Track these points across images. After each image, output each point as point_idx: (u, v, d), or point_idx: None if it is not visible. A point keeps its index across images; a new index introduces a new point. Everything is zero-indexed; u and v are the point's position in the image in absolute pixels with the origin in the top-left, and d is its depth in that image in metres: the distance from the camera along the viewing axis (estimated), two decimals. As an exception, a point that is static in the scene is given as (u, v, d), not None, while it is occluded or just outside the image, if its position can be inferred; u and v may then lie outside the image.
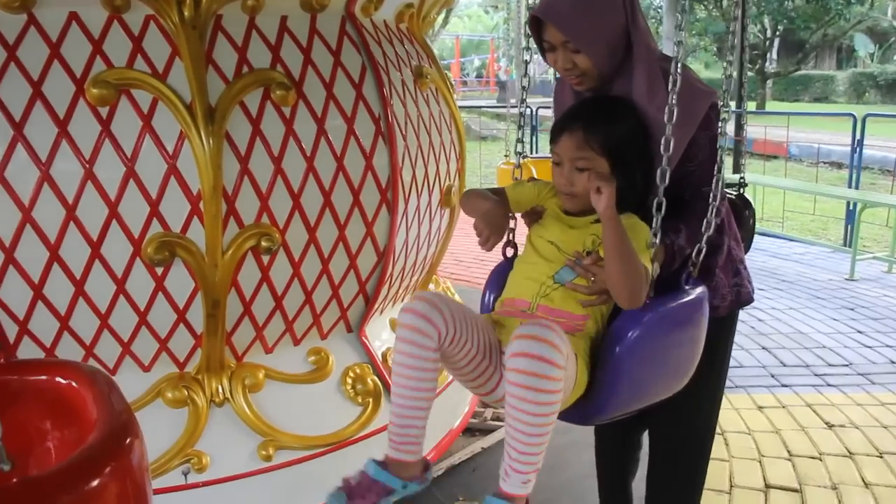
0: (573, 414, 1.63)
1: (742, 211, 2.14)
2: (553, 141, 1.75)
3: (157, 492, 1.94)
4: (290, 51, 2.23)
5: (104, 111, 2.02)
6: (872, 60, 30.97)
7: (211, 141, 2.03)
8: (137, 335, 2.20)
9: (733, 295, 1.92)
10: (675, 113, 1.56)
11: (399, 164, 2.47)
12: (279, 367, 2.41)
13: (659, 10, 19.70)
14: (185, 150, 2.04)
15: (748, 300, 1.97)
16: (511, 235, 1.89)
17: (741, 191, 2.25)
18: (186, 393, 2.23)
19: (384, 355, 2.65)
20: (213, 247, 2.10)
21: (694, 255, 1.69)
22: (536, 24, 1.74)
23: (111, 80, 2.01)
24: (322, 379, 2.47)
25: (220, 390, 2.27)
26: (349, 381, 2.51)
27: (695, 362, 1.74)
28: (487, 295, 1.89)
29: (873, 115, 7.01)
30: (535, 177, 2.07)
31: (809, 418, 3.39)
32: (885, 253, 6.22)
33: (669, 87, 1.56)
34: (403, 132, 2.51)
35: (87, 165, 2.02)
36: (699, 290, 1.70)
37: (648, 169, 1.67)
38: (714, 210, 1.65)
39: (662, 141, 1.57)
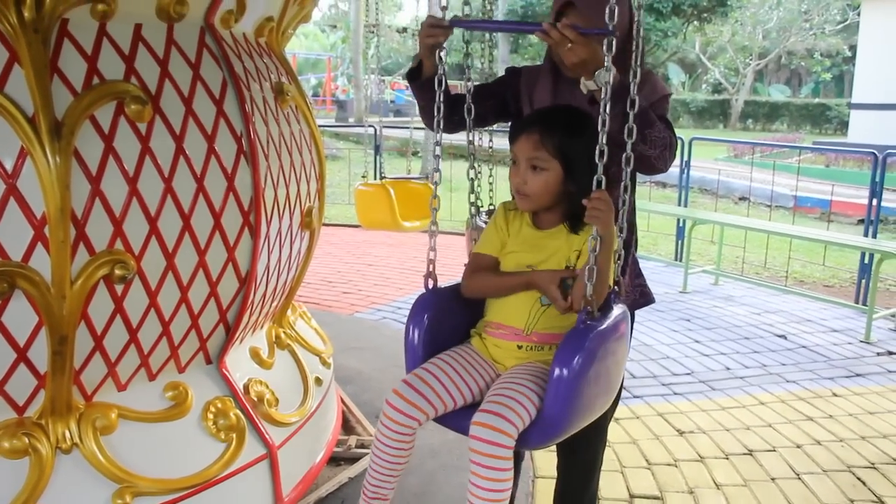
0: (521, 439, 1.70)
1: None
2: (511, 141, 1.88)
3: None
4: (146, 62, 2.05)
5: (-74, 124, 1.77)
6: (684, 89, 33.65)
7: (57, 158, 1.81)
8: (-34, 378, 1.93)
9: (636, 294, 2.01)
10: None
11: (262, 185, 2.34)
12: (134, 405, 2.19)
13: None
14: (28, 168, 1.81)
15: (650, 300, 2.14)
16: (431, 267, 1.93)
17: None
18: (27, 441, 1.97)
19: (246, 387, 2.50)
20: (61, 276, 1.88)
21: (618, 271, 1.80)
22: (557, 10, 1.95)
23: (-65, 88, 1.76)
24: (181, 416, 2.28)
25: (68, 435, 2.03)
26: (210, 416, 2.33)
27: (622, 374, 1.89)
28: (414, 332, 1.90)
29: (698, 139, 7.53)
30: (394, 198, 2.19)
31: (662, 427, 3.55)
32: (711, 266, 6.68)
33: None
34: (266, 151, 2.38)
35: None
36: (622, 307, 1.81)
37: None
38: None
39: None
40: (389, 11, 28.82)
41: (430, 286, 1.95)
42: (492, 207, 2.36)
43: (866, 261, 5.84)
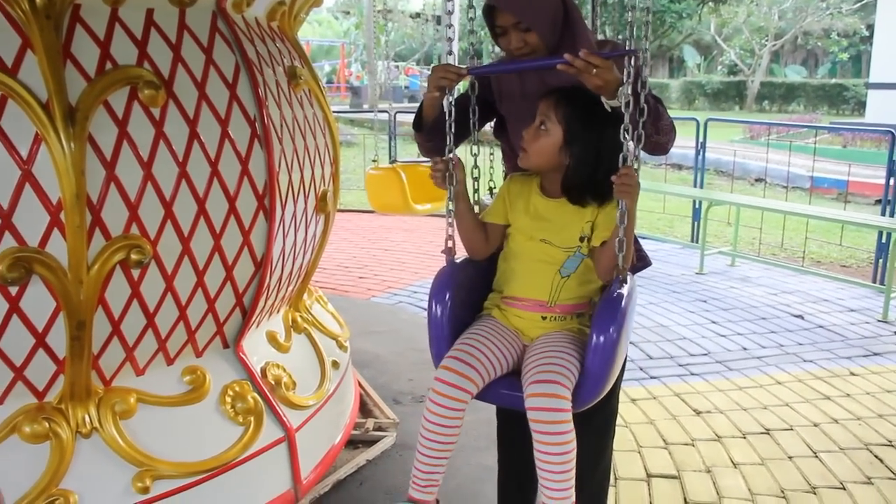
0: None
1: None
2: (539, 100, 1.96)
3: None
4: (158, 47, 2.06)
5: (-59, 110, 1.78)
6: (699, 70, 33.34)
7: (72, 144, 1.83)
8: (-13, 364, 1.96)
9: (636, 258, 2.08)
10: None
11: (276, 169, 2.35)
12: (152, 389, 2.22)
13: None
14: (42, 154, 1.83)
15: (647, 263, 2.22)
16: (451, 242, 1.98)
17: None
18: (48, 426, 2.00)
19: (263, 370, 2.51)
20: (77, 262, 1.89)
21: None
22: (489, 13, 1.98)
23: (-52, 75, 1.77)
24: (199, 399, 2.30)
25: (87, 420, 2.05)
26: (228, 399, 2.35)
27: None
28: (437, 307, 1.93)
29: (714, 120, 7.47)
30: (405, 181, 2.24)
31: (679, 407, 3.54)
32: (728, 248, 6.63)
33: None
34: (279, 135, 2.38)
35: (-77, 173, 1.77)
36: (630, 274, 1.93)
37: (599, 160, 1.87)
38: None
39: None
40: (402, -3, 28.72)
41: (452, 258, 2.00)
42: (491, 185, 2.41)
43: (883, 240, 5.78)
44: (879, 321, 4.91)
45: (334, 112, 2.97)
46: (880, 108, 18.09)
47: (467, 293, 2.01)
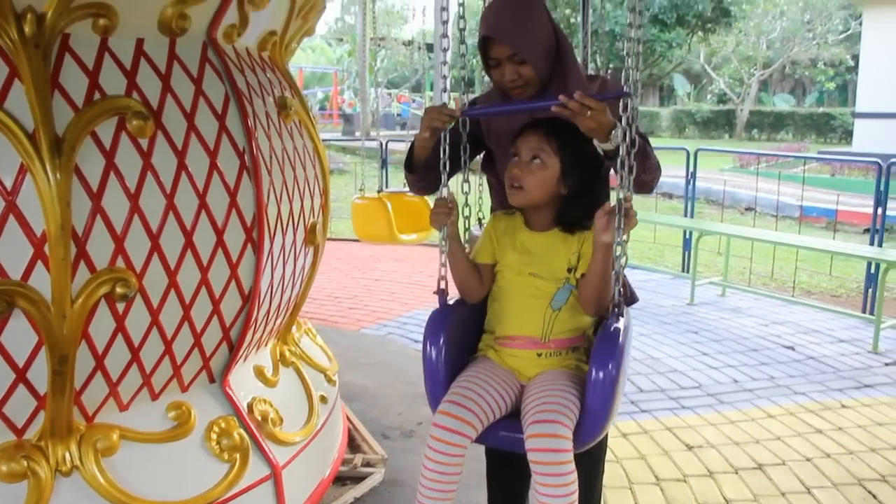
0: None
1: None
2: (515, 137, 1.95)
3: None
4: (148, 77, 2.03)
5: (-76, 140, 1.74)
6: (689, 99, 33.67)
7: (58, 175, 1.79)
8: (-36, 400, 1.90)
9: (628, 292, 2.10)
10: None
11: (265, 201, 2.32)
12: (136, 425, 2.16)
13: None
14: (27, 185, 1.79)
15: (635, 298, 2.25)
16: (443, 283, 1.97)
17: None
18: (26, 464, 1.94)
19: (250, 406, 2.46)
20: (61, 295, 1.85)
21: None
22: (484, 45, 1.98)
23: (-67, 104, 1.74)
24: (184, 436, 2.24)
25: (68, 457, 2.00)
26: (214, 436, 2.30)
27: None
28: (432, 350, 1.90)
29: (704, 150, 7.50)
30: (391, 211, 2.28)
31: (670, 442, 3.50)
32: (718, 278, 6.63)
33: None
34: (269, 167, 2.36)
35: None
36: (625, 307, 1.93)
37: (591, 188, 1.92)
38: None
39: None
40: (395, 24, 28.87)
41: (442, 301, 1.98)
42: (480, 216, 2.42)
43: (872, 270, 5.79)
44: (870, 352, 4.90)
45: (326, 140, 2.95)
46: (867, 136, 18.26)
47: (462, 334, 1.99)
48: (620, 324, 1.80)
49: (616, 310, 1.81)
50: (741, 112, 29.21)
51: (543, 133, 1.89)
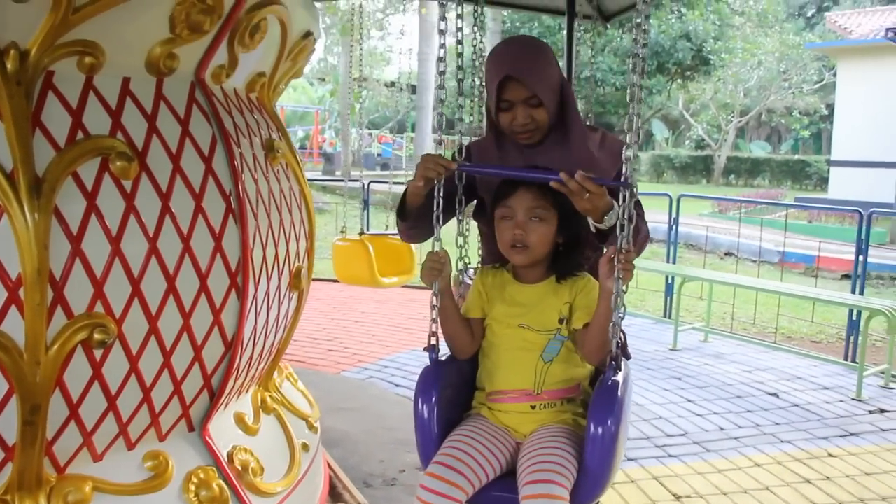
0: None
1: None
2: (505, 195, 1.90)
3: None
4: (133, 117, 1.98)
5: None
6: (668, 144, 34.13)
7: (36, 216, 1.73)
8: (-72, 451, 1.81)
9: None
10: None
11: (250, 245, 2.26)
12: (110, 476, 2.07)
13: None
14: (3, 226, 1.72)
15: (628, 356, 2.14)
16: (434, 340, 1.91)
17: None
18: (-9, 519, 1.85)
19: (230, 455, 2.37)
20: (35, 342, 1.77)
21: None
22: (499, 86, 1.93)
23: None
24: (161, 487, 2.15)
25: (37, 511, 1.91)
26: (192, 487, 2.21)
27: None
28: (424, 407, 1.84)
29: (686, 196, 7.55)
30: (372, 254, 2.24)
31: (658, 492, 3.44)
32: (700, 323, 6.62)
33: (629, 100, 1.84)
34: (255, 210, 2.30)
35: None
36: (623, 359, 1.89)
37: (581, 229, 1.90)
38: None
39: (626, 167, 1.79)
40: (378, 65, 29.09)
41: (433, 357, 1.93)
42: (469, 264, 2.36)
43: (854, 317, 5.80)
44: (853, 399, 4.89)
45: (308, 179, 2.91)
46: (843, 183, 18.61)
47: (454, 391, 1.94)
48: (619, 377, 1.76)
49: (613, 362, 1.77)
50: (719, 158, 29.64)
51: (538, 191, 1.87)
